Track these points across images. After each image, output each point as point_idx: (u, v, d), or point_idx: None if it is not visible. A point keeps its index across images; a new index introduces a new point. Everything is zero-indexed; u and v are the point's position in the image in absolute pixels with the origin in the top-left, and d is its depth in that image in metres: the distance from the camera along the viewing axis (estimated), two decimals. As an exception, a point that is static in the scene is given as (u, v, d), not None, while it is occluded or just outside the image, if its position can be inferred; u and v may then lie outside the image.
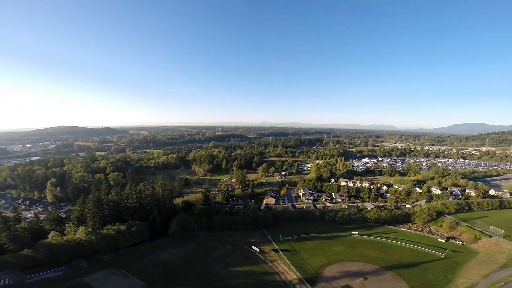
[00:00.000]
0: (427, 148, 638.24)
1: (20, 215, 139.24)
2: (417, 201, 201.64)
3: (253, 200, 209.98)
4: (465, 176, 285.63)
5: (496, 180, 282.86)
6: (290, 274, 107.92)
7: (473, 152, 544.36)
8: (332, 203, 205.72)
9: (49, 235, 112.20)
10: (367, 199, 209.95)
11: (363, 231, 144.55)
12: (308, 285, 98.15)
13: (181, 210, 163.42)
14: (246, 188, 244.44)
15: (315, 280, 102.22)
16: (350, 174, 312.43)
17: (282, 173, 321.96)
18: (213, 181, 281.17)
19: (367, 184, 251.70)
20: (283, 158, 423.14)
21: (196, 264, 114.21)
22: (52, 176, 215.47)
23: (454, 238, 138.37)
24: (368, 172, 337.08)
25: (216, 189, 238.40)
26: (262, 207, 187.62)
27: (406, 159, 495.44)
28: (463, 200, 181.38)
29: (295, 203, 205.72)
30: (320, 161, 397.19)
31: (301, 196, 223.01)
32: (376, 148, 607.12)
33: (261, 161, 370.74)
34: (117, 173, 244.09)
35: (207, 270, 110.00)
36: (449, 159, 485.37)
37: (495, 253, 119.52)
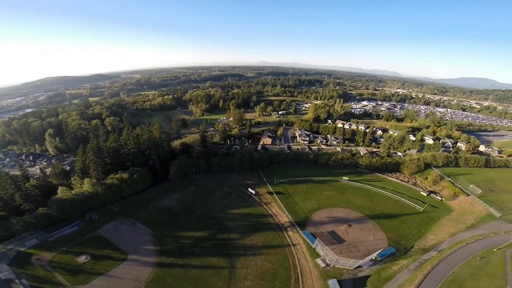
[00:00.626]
0: (428, 96, 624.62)
1: (27, 173, 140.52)
2: (409, 149, 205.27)
3: (250, 140, 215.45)
4: (460, 128, 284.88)
5: (490, 135, 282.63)
6: (283, 217, 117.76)
7: (474, 105, 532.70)
8: (327, 145, 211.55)
9: (58, 191, 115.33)
10: (361, 143, 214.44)
11: (353, 177, 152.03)
12: (298, 229, 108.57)
13: (180, 153, 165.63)
14: (244, 127, 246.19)
15: (305, 224, 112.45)
16: (348, 116, 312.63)
17: (280, 112, 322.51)
18: (210, 121, 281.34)
19: (363, 127, 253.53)
20: (282, 98, 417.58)
21: (197, 208, 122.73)
22: (49, 126, 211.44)
23: (435, 193, 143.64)
24: (365, 115, 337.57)
25: (214, 129, 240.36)
26: (259, 147, 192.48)
27: (406, 105, 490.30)
28: (453, 153, 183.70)
29: (291, 144, 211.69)
30: (318, 102, 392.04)
31: (297, 137, 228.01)
32: (377, 92, 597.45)
33: (259, 100, 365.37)
34: (113, 117, 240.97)
35: (207, 214, 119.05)
36: (449, 109, 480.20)
37: (467, 213, 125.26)
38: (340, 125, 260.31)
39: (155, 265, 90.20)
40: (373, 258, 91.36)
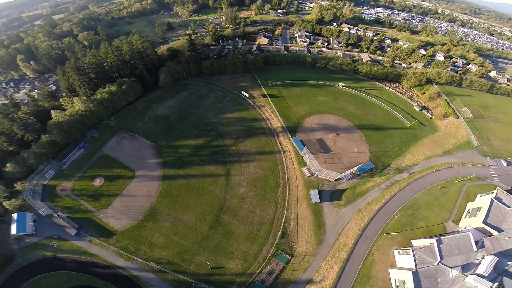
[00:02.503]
0: (456, 15, 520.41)
1: (15, 100, 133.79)
2: (415, 62, 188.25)
3: (244, 41, 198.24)
4: (479, 51, 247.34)
5: (507, 63, 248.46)
6: (275, 121, 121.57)
7: (505, 32, 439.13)
8: (328, 48, 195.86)
9: (52, 115, 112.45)
10: (366, 50, 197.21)
11: (350, 83, 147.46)
12: (289, 135, 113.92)
13: (168, 58, 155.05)
14: (237, 27, 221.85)
15: (296, 130, 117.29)
16: (356, 21, 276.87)
17: (279, 11, 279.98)
18: (199, 22, 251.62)
19: (371, 34, 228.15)
20: None
21: (191, 114, 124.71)
22: (17, 53, 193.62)
23: (427, 109, 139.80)
24: (377, 22, 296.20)
25: (204, 30, 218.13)
26: (254, 48, 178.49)
27: (427, 18, 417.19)
28: (459, 74, 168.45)
29: (289, 45, 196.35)
30: (325, 2, 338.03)
31: (296, 38, 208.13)
32: (396, 0, 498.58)
33: None
34: (87, 32, 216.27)
35: (201, 119, 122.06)
36: (474, 31, 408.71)
37: (449, 136, 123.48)
38: (346, 29, 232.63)
39: (161, 178, 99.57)
40: (353, 172, 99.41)
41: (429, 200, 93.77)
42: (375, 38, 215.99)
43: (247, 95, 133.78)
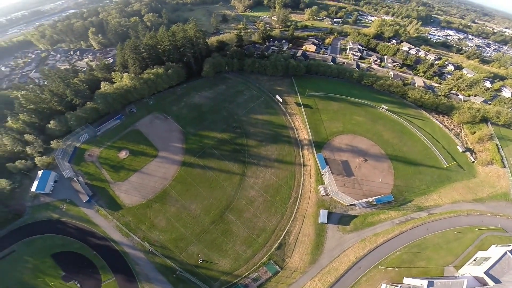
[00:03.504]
0: None
1: (76, 67, 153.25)
2: (475, 96, 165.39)
3: (291, 44, 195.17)
4: None
5: None
6: (304, 133, 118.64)
7: None
8: (380, 66, 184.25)
9: (101, 85, 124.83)
10: (422, 74, 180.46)
11: (393, 107, 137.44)
12: (314, 150, 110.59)
13: (215, 50, 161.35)
14: (287, 29, 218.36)
15: (323, 146, 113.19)
16: (420, 41, 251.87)
17: (335, 19, 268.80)
18: (252, 18, 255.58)
19: (432, 57, 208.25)
20: (342, 4, 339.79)
21: (223, 108, 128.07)
22: (91, 25, 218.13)
23: (472, 152, 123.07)
24: (443, 45, 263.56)
25: (254, 28, 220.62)
26: (299, 53, 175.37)
27: (505, 47, 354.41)
28: None
29: (337, 56, 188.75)
30: (388, 18, 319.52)
31: (347, 50, 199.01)
32: (474, 25, 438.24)
33: (312, 3, 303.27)
34: (152, 14, 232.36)
35: (232, 115, 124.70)
36: None
37: (486, 185, 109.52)
38: (405, 48, 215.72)
39: (180, 163, 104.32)
40: (370, 201, 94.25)
41: (439, 243, 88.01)
42: (437, 62, 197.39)
43: (281, 100, 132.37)
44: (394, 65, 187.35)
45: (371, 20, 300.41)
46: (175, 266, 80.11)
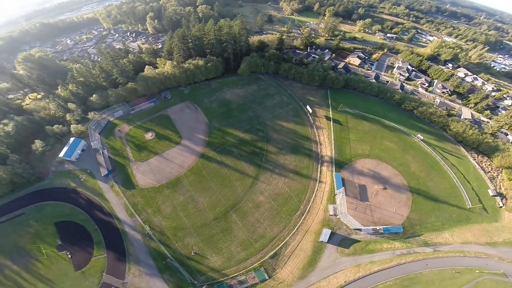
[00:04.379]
0: None
1: (128, 48, 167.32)
2: None
3: (334, 55, 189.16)
4: None
5: None
6: (327, 149, 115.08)
7: None
8: (426, 90, 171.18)
9: (145, 69, 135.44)
10: (472, 105, 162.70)
11: (430, 138, 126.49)
12: (334, 168, 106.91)
13: (255, 50, 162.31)
14: (333, 39, 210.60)
15: (343, 166, 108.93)
16: (480, 68, 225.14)
17: (388, 35, 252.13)
18: (297, 22, 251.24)
19: (489, 88, 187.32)
20: (399, 20, 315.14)
21: (251, 109, 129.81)
22: (150, 10, 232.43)
23: (502, 197, 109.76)
24: (508, 76, 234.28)
25: (298, 33, 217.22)
26: (340, 65, 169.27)
27: None
28: None
29: (382, 73, 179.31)
30: (450, 39, 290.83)
31: (395, 69, 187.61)
32: None
33: (366, 15, 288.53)
34: (205, 6, 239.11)
35: (257, 117, 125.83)
36: None
37: (506, 231, 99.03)
38: (461, 74, 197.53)
39: (199, 155, 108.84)
40: (377, 229, 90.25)
41: (432, 279, 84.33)
42: (493, 94, 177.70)
43: (310, 111, 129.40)
44: (443, 92, 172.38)
45: (429, 40, 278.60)
46: (167, 254, 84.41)
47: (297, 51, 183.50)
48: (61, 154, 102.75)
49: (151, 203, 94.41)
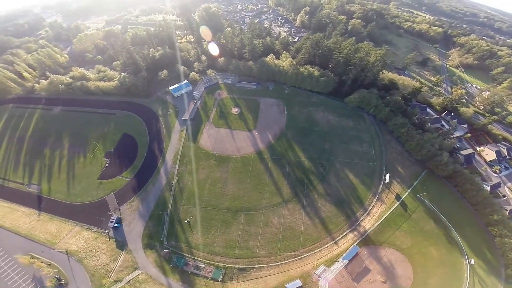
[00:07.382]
0: None
1: (271, 30, 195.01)
2: None
3: (468, 134, 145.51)
4: None
5: None
6: (369, 223, 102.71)
7: None
8: None
9: (269, 56, 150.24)
10: None
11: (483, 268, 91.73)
12: (357, 240, 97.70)
13: (379, 86, 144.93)
14: (487, 115, 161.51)
15: (369, 245, 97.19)
16: None
17: None
18: (456, 78, 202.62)
19: None
20: None
21: (331, 141, 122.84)
22: (309, 5, 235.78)
23: None
24: None
25: (448, 91, 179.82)
26: (464, 151, 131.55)
27: None
28: None
29: (509, 184, 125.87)
30: None
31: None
32: None
33: None
34: (359, 21, 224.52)
35: (330, 153, 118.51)
36: None
37: None
38: None
39: (257, 151, 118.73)
40: None
41: None
42: None
43: (387, 180, 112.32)
44: None
45: None
46: (169, 207, 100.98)
47: (428, 110, 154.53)
48: (171, 88, 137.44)
49: (196, 162, 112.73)
